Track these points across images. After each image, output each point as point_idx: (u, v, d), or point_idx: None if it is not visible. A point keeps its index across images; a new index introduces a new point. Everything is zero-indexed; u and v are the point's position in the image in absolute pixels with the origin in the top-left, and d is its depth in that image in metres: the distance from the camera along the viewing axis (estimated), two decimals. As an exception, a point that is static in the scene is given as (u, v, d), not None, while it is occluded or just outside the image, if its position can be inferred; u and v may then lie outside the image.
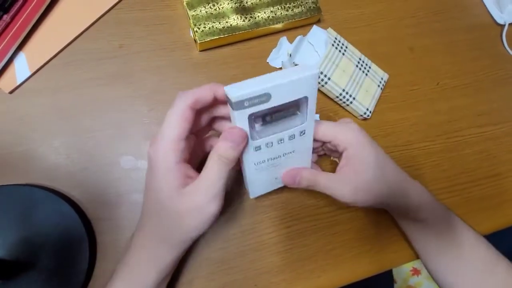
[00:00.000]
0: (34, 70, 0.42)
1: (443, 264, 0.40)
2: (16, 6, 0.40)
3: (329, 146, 0.37)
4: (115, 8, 0.46)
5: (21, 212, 0.37)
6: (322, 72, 0.46)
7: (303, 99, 0.30)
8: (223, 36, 0.45)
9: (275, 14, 0.48)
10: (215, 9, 0.46)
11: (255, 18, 0.47)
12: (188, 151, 0.32)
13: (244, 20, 0.47)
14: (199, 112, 0.32)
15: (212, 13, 0.46)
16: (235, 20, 0.46)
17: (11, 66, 0.41)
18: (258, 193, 0.38)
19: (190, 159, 0.33)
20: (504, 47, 0.59)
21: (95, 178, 0.40)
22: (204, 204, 0.30)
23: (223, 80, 0.46)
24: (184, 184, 0.30)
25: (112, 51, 0.44)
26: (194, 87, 0.34)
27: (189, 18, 0.45)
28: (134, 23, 0.46)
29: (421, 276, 1.07)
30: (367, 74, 0.49)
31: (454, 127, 0.52)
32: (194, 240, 0.33)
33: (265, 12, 0.48)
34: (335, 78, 0.47)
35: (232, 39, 0.47)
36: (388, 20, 0.55)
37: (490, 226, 0.48)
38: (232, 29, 0.46)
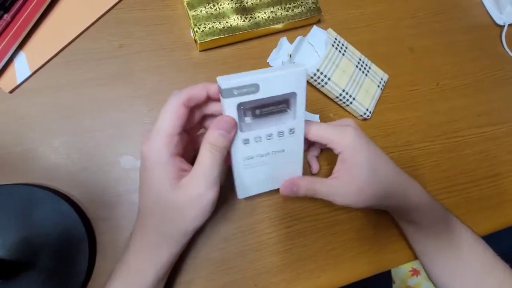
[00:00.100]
0: (34, 70, 0.42)
1: (441, 265, 0.40)
2: (17, 6, 0.40)
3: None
4: (115, 8, 0.46)
5: (21, 212, 0.37)
6: (322, 73, 0.46)
7: (292, 96, 0.32)
8: (223, 36, 0.45)
9: (275, 15, 0.48)
10: (215, 9, 0.46)
11: (255, 19, 0.47)
12: (182, 147, 0.32)
13: (244, 20, 0.47)
14: (192, 110, 0.32)
15: (212, 13, 0.46)
16: (235, 20, 0.46)
17: (11, 66, 0.41)
18: (246, 194, 0.37)
19: (183, 156, 0.33)
20: (504, 48, 0.59)
21: (95, 178, 0.40)
22: (202, 193, 0.30)
23: (223, 80, 0.46)
24: (180, 177, 0.31)
25: (112, 51, 0.44)
26: None
27: (190, 18, 0.45)
28: (134, 23, 0.46)
29: (420, 277, 1.07)
30: (367, 75, 0.50)
31: (454, 128, 0.52)
32: (193, 233, 0.33)
33: (265, 13, 0.48)
34: (335, 79, 0.47)
35: (232, 39, 0.47)
36: (388, 21, 0.56)
37: (489, 226, 0.48)
38: (232, 29, 0.46)
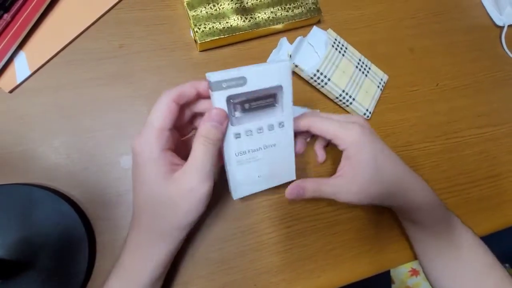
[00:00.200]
0: (34, 70, 0.42)
1: (441, 266, 0.40)
2: (17, 5, 0.40)
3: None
4: (115, 8, 0.46)
5: (21, 212, 0.37)
6: (322, 73, 0.46)
7: (279, 90, 0.33)
8: (223, 37, 0.45)
9: (275, 15, 0.48)
10: (216, 10, 0.46)
11: (255, 19, 0.47)
12: (173, 143, 0.32)
13: (245, 21, 0.47)
14: (183, 108, 0.33)
15: (213, 14, 0.46)
16: (236, 21, 0.46)
17: (11, 65, 0.41)
18: (241, 194, 0.36)
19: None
20: (503, 49, 0.59)
21: (95, 178, 0.40)
22: (195, 186, 0.30)
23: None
24: (172, 171, 0.31)
25: (112, 51, 0.44)
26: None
27: (190, 18, 0.45)
28: (134, 23, 0.46)
29: (420, 277, 1.07)
30: (367, 75, 0.50)
31: (454, 128, 0.52)
32: (189, 229, 0.33)
33: (265, 13, 0.48)
34: (335, 79, 0.47)
35: (232, 40, 0.47)
36: (388, 21, 0.56)
37: (489, 227, 0.48)
38: (232, 30, 0.46)
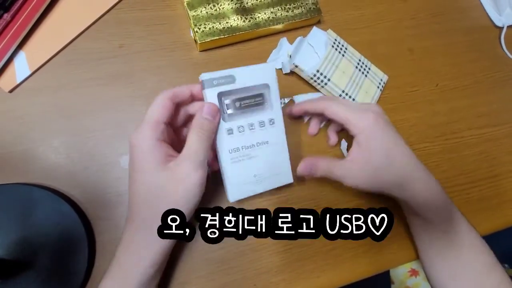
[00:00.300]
0: (34, 69, 0.42)
1: (441, 264, 0.40)
2: (17, 5, 0.40)
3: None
4: (116, 8, 0.46)
5: (21, 212, 0.37)
6: (322, 73, 0.46)
7: (266, 89, 0.36)
8: (223, 37, 0.45)
9: (275, 15, 0.48)
10: (216, 10, 0.46)
11: (255, 19, 0.47)
12: (169, 139, 0.34)
13: (245, 21, 0.47)
14: (177, 107, 0.35)
15: (213, 14, 0.46)
16: (236, 21, 0.46)
17: (11, 65, 0.41)
18: (237, 196, 0.37)
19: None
20: (503, 49, 0.59)
21: (95, 178, 0.40)
22: (188, 173, 0.31)
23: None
24: (167, 161, 0.32)
25: (112, 51, 0.44)
26: None
27: (190, 19, 0.45)
28: (135, 23, 0.46)
29: (419, 277, 1.07)
30: (367, 75, 0.50)
31: (454, 128, 0.53)
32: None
33: (265, 13, 0.48)
34: (335, 79, 0.47)
35: (232, 40, 0.47)
36: (388, 22, 0.56)
37: (489, 227, 0.48)
38: (232, 30, 0.46)
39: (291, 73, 0.48)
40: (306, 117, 0.47)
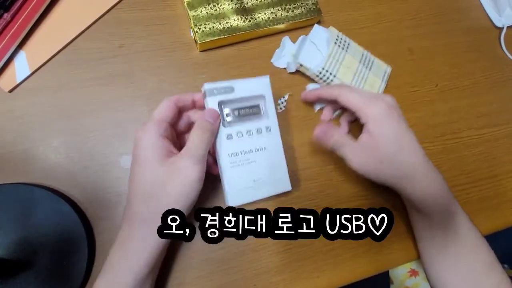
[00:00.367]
0: (34, 69, 0.42)
1: (440, 261, 0.40)
2: (17, 5, 0.40)
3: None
4: (116, 8, 0.46)
5: (21, 212, 0.37)
6: (328, 71, 0.47)
7: (262, 99, 0.39)
8: (224, 37, 0.45)
9: (276, 15, 0.48)
10: (216, 10, 0.46)
11: (256, 19, 0.47)
12: (171, 137, 0.36)
13: (245, 21, 0.47)
14: (181, 112, 0.37)
15: (213, 14, 0.46)
16: (236, 21, 0.46)
17: (11, 65, 0.41)
18: (237, 201, 0.37)
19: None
20: (502, 50, 0.59)
21: (95, 178, 0.40)
22: (186, 167, 0.32)
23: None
24: (168, 157, 0.33)
25: (112, 51, 0.44)
26: (194, 88, 0.43)
27: (190, 19, 0.45)
28: (135, 23, 0.46)
29: (419, 277, 1.07)
30: (371, 69, 0.50)
31: (453, 129, 0.53)
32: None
33: (266, 13, 0.48)
34: (340, 76, 0.47)
35: (233, 40, 0.47)
36: (388, 22, 0.56)
37: (489, 227, 0.48)
38: (233, 30, 0.46)
39: (296, 72, 0.48)
40: (317, 106, 0.48)
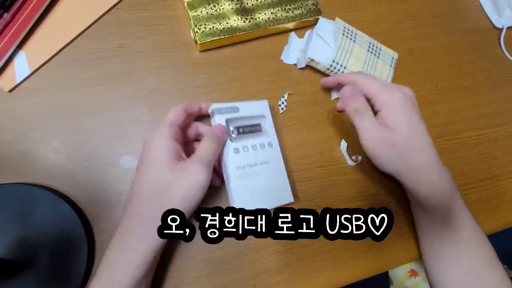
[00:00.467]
0: (34, 69, 0.42)
1: (441, 260, 0.40)
2: (17, 5, 0.40)
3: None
4: (116, 8, 0.46)
5: (20, 211, 0.36)
6: (338, 63, 0.47)
7: (263, 119, 0.43)
8: (224, 37, 0.45)
9: (276, 16, 0.48)
10: (216, 10, 0.46)
11: (256, 19, 0.47)
12: (181, 140, 0.37)
13: (245, 21, 0.47)
14: (189, 117, 0.40)
15: (213, 14, 0.46)
16: (236, 21, 0.46)
17: (11, 65, 0.41)
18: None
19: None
20: (502, 51, 0.59)
21: (95, 178, 0.40)
22: (194, 171, 0.33)
23: (223, 81, 0.46)
24: (177, 160, 0.34)
25: (112, 51, 0.44)
26: (194, 88, 0.46)
27: (190, 19, 0.45)
28: (135, 23, 0.46)
29: (419, 278, 1.07)
30: (379, 57, 0.50)
31: (453, 129, 0.53)
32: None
33: (266, 14, 0.48)
34: (351, 66, 0.48)
35: (233, 40, 0.47)
36: (388, 23, 0.56)
37: (489, 228, 0.48)
38: (233, 30, 0.46)
39: (306, 67, 0.49)
40: (334, 95, 0.49)
